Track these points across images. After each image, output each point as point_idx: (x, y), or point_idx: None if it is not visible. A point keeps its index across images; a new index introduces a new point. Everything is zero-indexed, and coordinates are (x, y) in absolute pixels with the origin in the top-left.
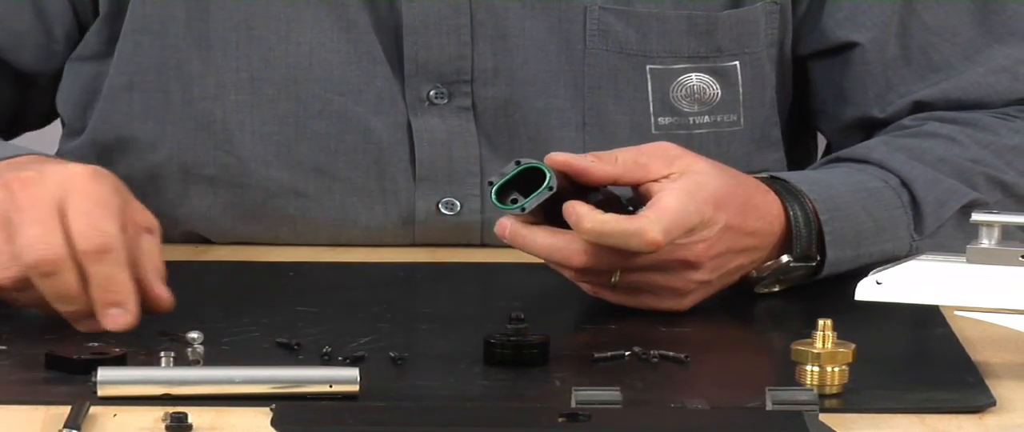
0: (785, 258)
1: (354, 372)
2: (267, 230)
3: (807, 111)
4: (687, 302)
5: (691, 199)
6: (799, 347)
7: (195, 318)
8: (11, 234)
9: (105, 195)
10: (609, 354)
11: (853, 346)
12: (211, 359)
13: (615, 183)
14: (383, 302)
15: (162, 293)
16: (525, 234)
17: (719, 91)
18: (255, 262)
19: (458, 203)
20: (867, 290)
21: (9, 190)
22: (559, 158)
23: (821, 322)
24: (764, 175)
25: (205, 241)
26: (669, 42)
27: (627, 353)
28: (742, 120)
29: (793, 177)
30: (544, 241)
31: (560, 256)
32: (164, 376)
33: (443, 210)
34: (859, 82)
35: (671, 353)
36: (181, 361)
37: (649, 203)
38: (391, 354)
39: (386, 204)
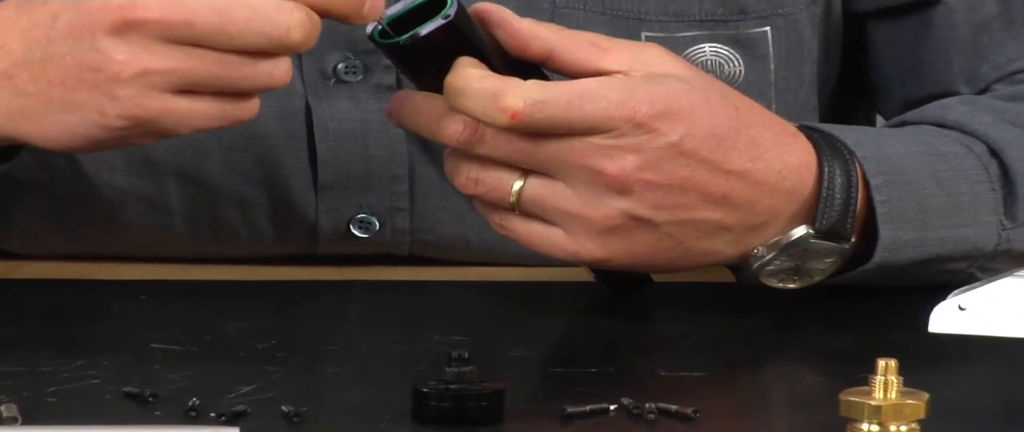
0: (801, 230)
1: None
2: (109, 254)
3: (864, 87)
4: (603, 248)
5: (623, 89)
6: (851, 398)
7: (8, 361)
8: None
9: None
10: (588, 408)
11: (926, 396)
12: (33, 416)
13: (549, 59)
14: (273, 336)
15: None
16: (406, 99)
17: (742, 68)
18: (92, 282)
19: (376, 221)
20: (946, 318)
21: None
22: (480, 6)
23: (882, 362)
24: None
25: (15, 257)
26: (673, 1)
27: (613, 407)
28: (773, 106)
29: (836, 129)
30: (417, 104)
31: (431, 128)
32: None
33: (355, 231)
34: (941, 52)
35: (673, 407)
36: None
37: None
38: (284, 408)
39: (275, 221)
